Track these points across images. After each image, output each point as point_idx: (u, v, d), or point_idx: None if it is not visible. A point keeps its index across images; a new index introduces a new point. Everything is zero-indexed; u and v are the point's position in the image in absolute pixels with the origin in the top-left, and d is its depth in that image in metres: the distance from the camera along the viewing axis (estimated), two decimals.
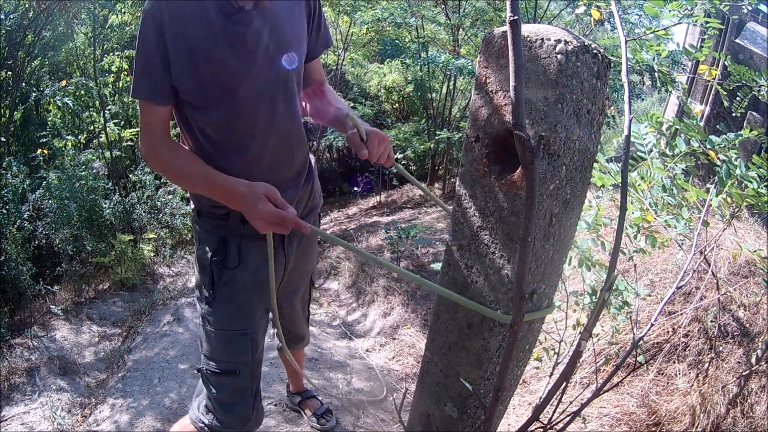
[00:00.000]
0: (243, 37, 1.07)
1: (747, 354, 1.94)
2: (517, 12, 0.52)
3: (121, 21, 5.13)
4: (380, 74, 7.05)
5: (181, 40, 1.04)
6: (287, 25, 1.15)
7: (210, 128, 1.13)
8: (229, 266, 1.22)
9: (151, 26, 1.02)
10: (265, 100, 1.13)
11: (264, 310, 1.32)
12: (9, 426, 2.19)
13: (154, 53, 1.04)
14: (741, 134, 1.34)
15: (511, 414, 2.03)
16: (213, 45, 1.05)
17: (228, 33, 1.05)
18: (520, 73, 0.54)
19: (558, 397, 0.79)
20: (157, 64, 1.05)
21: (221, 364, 1.25)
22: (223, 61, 1.07)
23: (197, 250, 1.27)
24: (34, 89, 4.62)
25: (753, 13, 5.85)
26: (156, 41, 1.03)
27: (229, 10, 1.04)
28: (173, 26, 1.03)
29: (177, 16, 1.03)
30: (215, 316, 1.23)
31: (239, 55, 1.07)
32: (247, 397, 1.29)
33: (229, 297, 1.23)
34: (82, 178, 3.75)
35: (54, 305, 3.19)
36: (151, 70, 1.06)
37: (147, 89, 1.08)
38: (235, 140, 1.15)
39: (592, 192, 1.79)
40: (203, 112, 1.12)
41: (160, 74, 1.06)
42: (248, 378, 1.28)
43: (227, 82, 1.09)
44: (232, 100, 1.10)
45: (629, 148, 0.74)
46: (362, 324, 3.18)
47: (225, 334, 1.24)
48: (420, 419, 0.98)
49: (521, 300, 0.61)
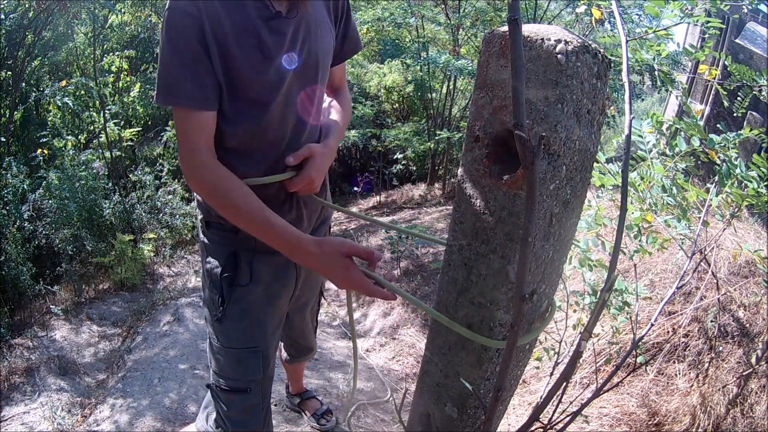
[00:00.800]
0: (278, 48, 0.99)
1: (747, 354, 1.94)
2: (518, 12, 0.52)
3: (121, 21, 5.13)
4: (380, 74, 7.06)
5: (218, 44, 0.93)
6: (320, 31, 1.07)
7: (234, 138, 1.04)
8: (241, 283, 1.14)
9: (189, 23, 0.90)
10: (294, 112, 1.07)
11: (276, 324, 1.26)
12: (9, 426, 2.19)
13: (197, 50, 0.91)
14: (741, 133, 1.34)
15: (511, 414, 2.03)
16: (249, 54, 0.96)
17: (263, 42, 0.97)
18: (521, 73, 0.54)
19: (558, 397, 0.79)
20: (202, 62, 0.92)
21: (231, 381, 1.19)
22: (258, 72, 0.98)
23: (205, 263, 1.18)
24: (34, 89, 4.63)
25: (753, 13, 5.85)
26: (197, 38, 0.91)
27: (266, 14, 0.96)
28: (211, 27, 0.92)
29: (214, 16, 0.92)
30: (225, 333, 1.17)
31: (273, 66, 0.99)
32: (258, 414, 1.24)
33: (240, 314, 1.15)
34: (82, 178, 3.75)
35: (54, 305, 3.19)
36: (195, 69, 0.92)
37: (190, 94, 0.93)
38: (258, 151, 1.06)
39: (592, 192, 1.79)
40: (230, 122, 1.01)
41: (205, 73, 0.93)
42: (259, 395, 1.22)
43: (260, 95, 1.00)
44: (262, 114, 1.02)
45: (630, 148, 0.74)
46: (362, 324, 3.18)
47: (235, 353, 1.17)
48: (420, 419, 0.97)
49: (521, 300, 0.60)
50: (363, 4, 5.76)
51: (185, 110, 0.95)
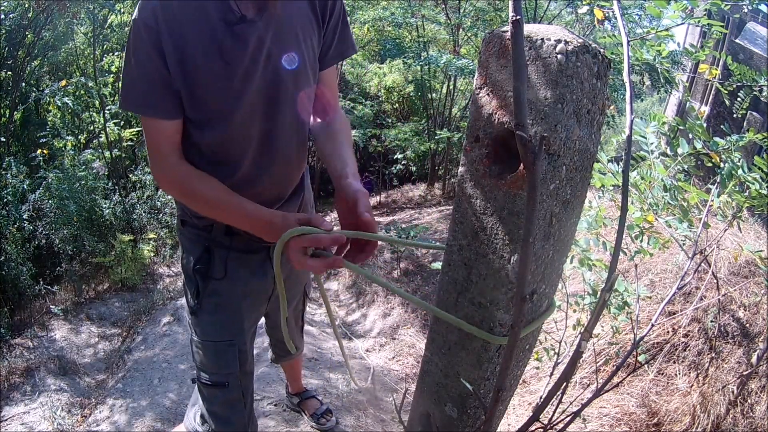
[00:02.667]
0: (242, 54, 0.95)
1: (747, 354, 1.94)
2: (520, 12, 0.52)
3: (121, 21, 5.13)
4: (380, 74, 7.06)
5: (177, 51, 0.91)
6: (296, 35, 1.01)
7: (204, 146, 1.03)
8: (215, 276, 1.16)
9: (147, 36, 0.90)
10: (263, 120, 1.03)
11: (254, 320, 1.27)
12: (9, 426, 2.19)
13: (155, 62, 0.92)
14: (744, 137, 1.33)
15: (511, 414, 2.03)
16: (210, 60, 0.93)
17: (226, 48, 0.93)
18: (522, 74, 0.54)
19: (558, 397, 0.79)
20: (160, 73, 0.93)
21: (210, 375, 1.21)
22: (219, 79, 0.95)
23: (182, 259, 1.22)
24: (34, 89, 4.62)
25: (753, 13, 5.85)
26: (155, 50, 0.91)
27: (231, 18, 0.92)
28: (169, 35, 0.90)
29: (173, 22, 0.90)
30: (201, 326, 1.19)
31: (237, 73, 0.96)
32: (240, 410, 1.25)
33: (214, 307, 1.18)
34: (82, 178, 3.75)
35: (54, 305, 3.19)
36: (153, 79, 0.93)
37: (148, 102, 0.95)
38: (230, 160, 1.06)
39: (593, 192, 1.79)
40: (197, 130, 1.01)
41: (162, 85, 0.93)
42: (238, 390, 1.23)
43: (223, 103, 0.98)
44: (226, 121, 1.00)
45: (630, 149, 0.74)
46: (362, 324, 3.19)
47: (212, 345, 1.19)
48: (420, 419, 0.97)
49: (522, 301, 0.60)
50: (363, 4, 5.76)
51: (145, 118, 0.97)
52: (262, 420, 2.00)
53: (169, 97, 0.95)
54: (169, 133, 0.98)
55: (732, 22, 5.50)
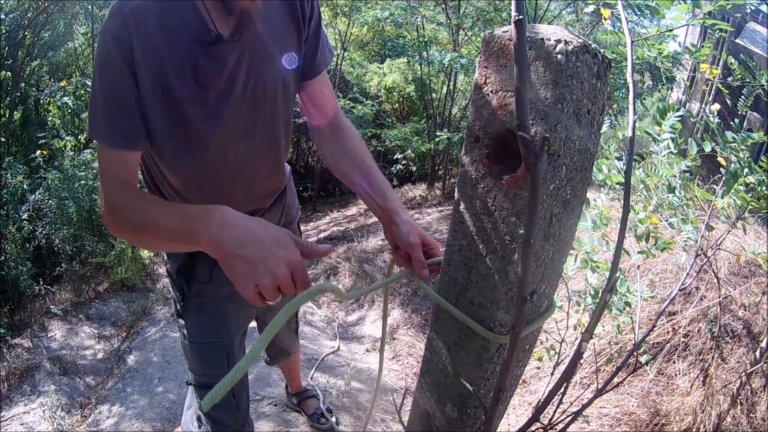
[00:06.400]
0: (217, 78, 0.89)
1: (748, 354, 1.94)
2: (522, 12, 0.51)
3: None
4: (380, 74, 7.05)
5: (150, 72, 0.84)
6: (276, 48, 0.96)
7: (178, 175, 0.99)
8: (199, 280, 1.16)
9: (116, 50, 0.81)
10: (239, 143, 0.99)
11: (241, 322, 1.27)
12: (9, 426, 2.19)
13: (124, 80, 0.83)
14: (753, 135, 1.33)
15: (511, 414, 2.03)
16: (184, 83, 0.87)
17: (200, 71, 0.87)
18: (524, 74, 0.54)
19: (559, 397, 0.78)
20: (129, 94, 0.84)
21: (199, 377, 1.23)
22: (194, 103, 0.89)
23: (166, 264, 1.23)
24: (34, 89, 4.62)
25: (753, 13, 5.85)
26: (126, 66, 0.82)
27: (205, 38, 0.86)
28: (143, 55, 0.83)
29: (147, 42, 0.82)
30: (188, 328, 1.19)
31: (212, 98, 0.90)
32: (232, 411, 1.23)
33: (200, 308, 1.18)
34: (82, 178, 3.75)
35: (54, 305, 3.19)
36: (121, 102, 0.84)
37: (120, 131, 0.85)
38: (206, 189, 1.03)
39: (595, 192, 1.79)
40: (171, 157, 0.95)
41: (130, 108, 0.85)
42: (228, 392, 1.23)
43: (198, 127, 0.92)
44: (203, 148, 0.95)
45: (633, 149, 0.74)
46: (362, 324, 3.18)
47: (198, 347, 1.20)
48: (420, 419, 0.97)
49: (523, 302, 0.60)
50: (362, 5, 5.76)
51: (111, 149, 0.86)
52: (261, 421, 2.00)
53: (137, 122, 0.87)
54: (135, 165, 0.90)
55: (732, 21, 5.50)
